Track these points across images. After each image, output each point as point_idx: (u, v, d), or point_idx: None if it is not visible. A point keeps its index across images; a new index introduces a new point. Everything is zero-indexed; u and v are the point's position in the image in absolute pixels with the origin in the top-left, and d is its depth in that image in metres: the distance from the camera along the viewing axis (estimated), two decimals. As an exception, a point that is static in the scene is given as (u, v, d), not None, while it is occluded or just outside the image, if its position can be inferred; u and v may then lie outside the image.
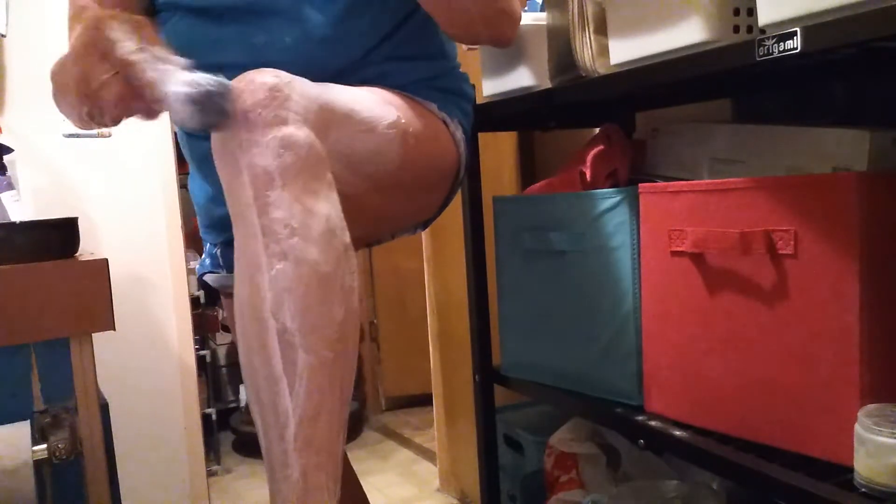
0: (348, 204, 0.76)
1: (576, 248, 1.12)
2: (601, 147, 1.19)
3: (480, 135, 1.25)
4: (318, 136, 0.74)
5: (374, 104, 0.90)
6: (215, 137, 0.72)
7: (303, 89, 0.76)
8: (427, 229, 1.18)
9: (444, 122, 1.01)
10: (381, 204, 0.91)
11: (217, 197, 1.03)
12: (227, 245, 1.06)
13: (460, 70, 1.11)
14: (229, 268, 1.08)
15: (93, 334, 1.19)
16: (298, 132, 0.71)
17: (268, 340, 0.69)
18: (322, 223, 0.71)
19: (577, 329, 1.14)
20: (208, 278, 1.14)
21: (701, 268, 0.93)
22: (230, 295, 1.14)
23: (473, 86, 1.16)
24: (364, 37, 0.94)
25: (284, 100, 0.72)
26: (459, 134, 1.04)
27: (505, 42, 1.05)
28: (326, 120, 0.78)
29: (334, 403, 0.72)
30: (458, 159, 1.04)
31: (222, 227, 1.05)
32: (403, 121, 0.91)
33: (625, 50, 0.95)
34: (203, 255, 1.16)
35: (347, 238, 0.74)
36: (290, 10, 0.91)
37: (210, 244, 1.12)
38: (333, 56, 0.76)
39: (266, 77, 0.73)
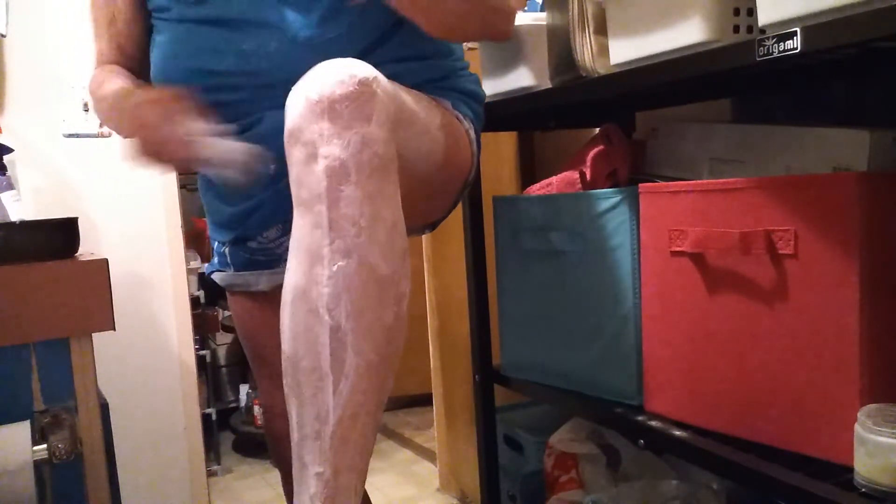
0: None
1: (576, 248, 1.12)
2: (601, 147, 1.19)
3: (481, 135, 1.25)
4: (391, 137, 0.74)
5: (427, 105, 0.90)
6: (292, 119, 0.71)
7: (386, 87, 0.75)
8: (426, 229, 1.17)
9: (459, 121, 1.01)
10: (412, 204, 0.90)
11: (227, 195, 1.03)
12: (235, 244, 1.06)
13: (468, 70, 1.10)
14: (237, 267, 1.08)
15: (93, 334, 1.19)
16: (379, 131, 0.71)
17: (319, 335, 0.69)
18: (388, 225, 0.71)
19: (577, 329, 1.13)
20: (216, 277, 1.13)
21: (701, 268, 0.93)
22: (237, 293, 1.14)
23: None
24: (351, 38, 0.93)
25: (371, 96, 0.71)
26: (473, 133, 1.04)
27: (501, 37, 1.04)
28: (399, 120, 0.78)
29: (372, 407, 0.71)
30: (472, 160, 1.04)
31: (230, 226, 1.04)
32: (445, 122, 0.92)
33: (625, 50, 0.95)
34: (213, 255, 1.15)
35: (406, 242, 0.74)
36: (274, 16, 0.91)
37: (218, 243, 1.11)
38: (322, 59, 0.75)
39: (356, 69, 0.72)
